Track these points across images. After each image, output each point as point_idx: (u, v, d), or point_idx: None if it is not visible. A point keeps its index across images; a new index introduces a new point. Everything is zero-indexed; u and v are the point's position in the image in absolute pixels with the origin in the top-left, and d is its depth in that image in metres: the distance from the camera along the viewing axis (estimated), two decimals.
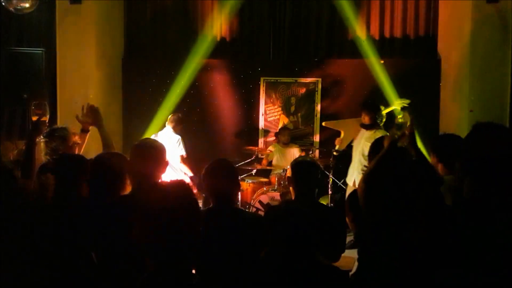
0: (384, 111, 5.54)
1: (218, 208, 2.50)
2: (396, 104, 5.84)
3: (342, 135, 6.06)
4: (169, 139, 5.87)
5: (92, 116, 3.34)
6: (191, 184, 2.76)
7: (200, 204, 5.20)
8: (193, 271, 1.65)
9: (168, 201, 1.51)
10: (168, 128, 6.02)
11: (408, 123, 2.69)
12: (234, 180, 2.60)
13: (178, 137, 5.95)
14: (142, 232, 1.50)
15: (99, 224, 2.34)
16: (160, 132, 6.05)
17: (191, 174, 5.88)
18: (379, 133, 4.93)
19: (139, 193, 2.38)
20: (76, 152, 3.35)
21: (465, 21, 6.20)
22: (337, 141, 6.07)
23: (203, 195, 5.01)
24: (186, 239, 1.51)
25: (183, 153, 5.92)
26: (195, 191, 4.17)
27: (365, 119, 5.34)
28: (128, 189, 2.58)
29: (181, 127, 6.08)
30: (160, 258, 1.50)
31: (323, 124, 6.48)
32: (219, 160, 2.67)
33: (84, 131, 3.44)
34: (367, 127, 5.33)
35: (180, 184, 1.59)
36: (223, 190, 2.51)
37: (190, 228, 1.52)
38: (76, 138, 3.35)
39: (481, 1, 5.88)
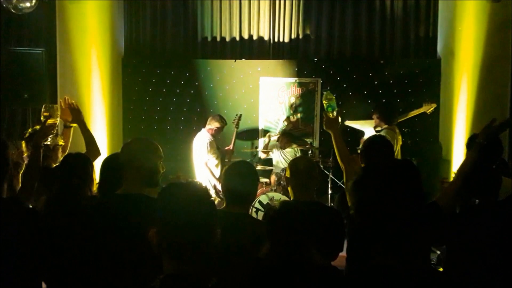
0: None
1: (228, 210, 2.47)
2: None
3: (365, 135, 6.08)
4: (199, 141, 5.81)
5: (72, 113, 3.30)
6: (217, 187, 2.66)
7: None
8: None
9: (183, 201, 1.50)
10: (204, 129, 5.91)
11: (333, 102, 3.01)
12: (250, 185, 2.51)
13: (206, 140, 5.77)
14: (158, 233, 1.49)
15: (108, 223, 2.31)
16: (198, 133, 5.94)
17: (214, 180, 5.68)
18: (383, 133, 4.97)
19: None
20: (60, 152, 3.33)
21: (465, 21, 6.20)
22: (362, 141, 6.07)
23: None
24: (203, 240, 1.50)
25: (205, 158, 5.73)
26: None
27: (376, 121, 5.38)
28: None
29: (215, 129, 5.84)
30: (177, 259, 1.49)
31: (345, 123, 6.32)
32: (239, 162, 2.65)
33: (67, 126, 3.42)
34: (377, 130, 5.37)
35: (195, 184, 1.57)
36: (236, 193, 2.46)
37: (206, 229, 1.51)
38: (58, 139, 3.33)
39: (482, 1, 5.88)
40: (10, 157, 2.52)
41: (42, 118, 3.02)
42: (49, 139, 3.04)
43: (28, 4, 5.18)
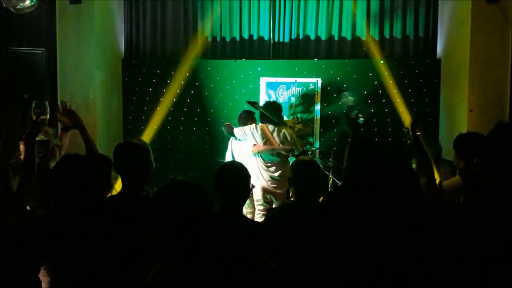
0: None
1: (220, 212, 2.46)
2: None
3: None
4: (240, 133, 5.44)
5: (69, 117, 3.25)
6: None
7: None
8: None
9: (177, 203, 1.48)
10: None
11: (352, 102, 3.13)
12: (241, 186, 2.51)
13: (247, 130, 5.32)
14: (154, 234, 1.48)
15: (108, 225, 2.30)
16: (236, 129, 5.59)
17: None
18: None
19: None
20: (57, 154, 3.31)
21: (465, 21, 6.20)
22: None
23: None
24: (195, 242, 1.48)
25: (228, 156, 5.56)
26: None
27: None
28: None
29: (244, 125, 5.44)
30: (171, 263, 1.47)
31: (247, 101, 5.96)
32: (230, 163, 2.64)
33: (65, 129, 3.39)
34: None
35: (190, 185, 1.56)
36: (228, 194, 2.46)
37: (200, 231, 1.49)
38: (57, 140, 3.30)
39: (481, 1, 5.88)
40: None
41: (33, 115, 3.00)
42: (41, 135, 3.01)
43: (28, 4, 5.17)
